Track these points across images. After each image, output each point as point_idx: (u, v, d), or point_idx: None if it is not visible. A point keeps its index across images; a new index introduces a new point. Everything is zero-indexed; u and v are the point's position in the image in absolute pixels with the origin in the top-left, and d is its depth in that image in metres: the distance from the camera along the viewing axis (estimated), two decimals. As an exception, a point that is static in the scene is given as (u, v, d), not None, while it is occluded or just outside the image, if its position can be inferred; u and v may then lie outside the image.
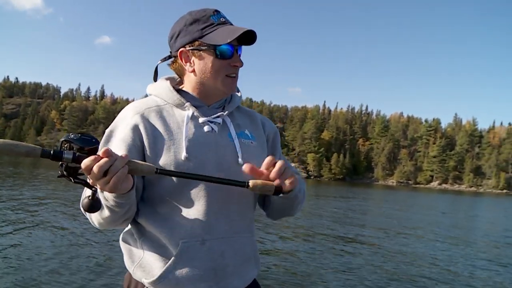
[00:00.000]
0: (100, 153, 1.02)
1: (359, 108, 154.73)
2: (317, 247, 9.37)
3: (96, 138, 1.06)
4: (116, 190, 1.09)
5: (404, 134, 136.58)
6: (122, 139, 1.32)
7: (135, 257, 1.39)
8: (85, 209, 1.12)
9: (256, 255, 1.50)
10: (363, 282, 6.60)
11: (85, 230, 8.88)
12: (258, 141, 1.50)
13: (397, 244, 10.66)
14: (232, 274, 1.37)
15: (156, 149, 1.32)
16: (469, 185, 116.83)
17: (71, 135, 1.03)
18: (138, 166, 1.09)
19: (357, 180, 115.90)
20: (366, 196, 37.71)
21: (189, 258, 1.31)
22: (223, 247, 1.35)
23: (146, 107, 1.39)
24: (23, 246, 7.18)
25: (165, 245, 1.33)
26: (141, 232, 1.38)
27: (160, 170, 1.11)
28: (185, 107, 1.40)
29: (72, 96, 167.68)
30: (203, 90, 1.42)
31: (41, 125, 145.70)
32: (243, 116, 1.54)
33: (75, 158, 1.01)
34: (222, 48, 1.35)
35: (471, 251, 10.66)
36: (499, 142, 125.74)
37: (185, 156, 1.31)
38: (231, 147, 1.40)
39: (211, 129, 1.39)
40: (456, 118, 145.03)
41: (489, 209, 33.50)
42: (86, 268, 6.16)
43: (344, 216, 16.87)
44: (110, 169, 1.03)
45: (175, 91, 1.42)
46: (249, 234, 1.45)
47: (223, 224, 1.35)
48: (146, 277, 1.34)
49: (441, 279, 7.19)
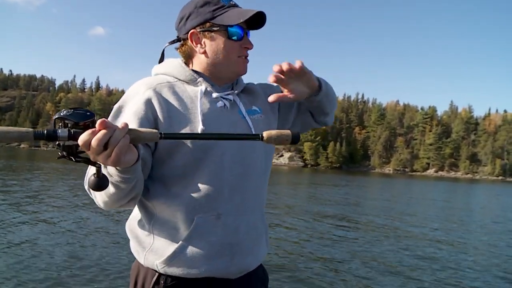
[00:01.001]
0: (97, 124, 0.95)
1: (355, 97, 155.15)
2: (315, 233, 9.44)
3: (91, 111, 1.00)
4: (119, 164, 1.02)
5: (400, 122, 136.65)
6: (134, 113, 1.29)
7: (145, 243, 1.37)
8: (92, 187, 1.05)
9: (267, 234, 1.52)
10: (359, 269, 6.70)
11: (87, 221, 8.92)
12: (265, 113, 1.51)
13: (397, 230, 10.78)
14: (246, 251, 1.38)
15: (170, 123, 1.30)
16: (465, 172, 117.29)
17: (63, 111, 0.97)
18: (140, 134, 1.02)
19: (354, 168, 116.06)
20: (363, 184, 37.82)
21: (204, 233, 1.30)
22: (237, 222, 1.35)
23: (158, 83, 1.37)
24: (22, 241, 7.18)
25: (178, 224, 1.31)
26: (151, 215, 1.36)
27: (165, 134, 1.03)
28: (197, 83, 1.39)
29: (67, 88, 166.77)
30: (214, 72, 1.41)
31: (37, 118, 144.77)
32: (247, 94, 1.53)
33: (71, 135, 0.95)
34: (234, 30, 1.35)
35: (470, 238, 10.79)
36: (495, 129, 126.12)
37: (202, 129, 1.30)
38: (243, 123, 1.40)
39: (224, 104, 1.39)
40: (452, 105, 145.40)
41: (488, 196, 33.69)
42: (90, 260, 6.19)
43: (342, 203, 16.99)
44: (109, 141, 0.96)
45: (187, 67, 1.41)
46: (261, 212, 1.46)
47: (237, 200, 1.35)
48: (158, 258, 1.32)
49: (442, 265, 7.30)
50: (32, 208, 10.46)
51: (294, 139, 1.12)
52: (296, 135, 1.13)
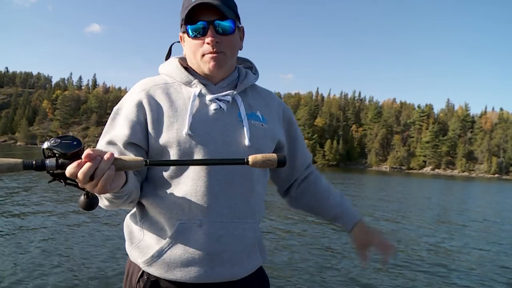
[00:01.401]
0: (83, 156, 0.98)
1: (352, 95, 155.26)
2: (313, 233, 9.47)
3: (78, 139, 1.02)
4: (106, 192, 1.04)
5: (397, 120, 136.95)
6: (126, 116, 1.31)
7: (135, 239, 1.39)
8: (82, 208, 1.10)
9: (260, 243, 1.46)
10: (357, 267, 6.74)
11: (84, 220, 8.94)
12: (270, 125, 1.45)
13: (394, 230, 10.84)
14: (229, 261, 1.33)
15: (159, 126, 1.30)
16: (461, 170, 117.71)
17: (51, 141, 0.99)
18: (126, 163, 1.05)
19: (351, 166, 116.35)
20: (360, 182, 37.92)
21: (184, 239, 1.29)
22: (221, 231, 1.31)
23: (153, 84, 1.37)
24: (18, 242, 7.16)
25: (163, 226, 1.32)
26: (143, 213, 1.37)
27: (150, 162, 1.07)
28: (192, 85, 1.37)
29: (64, 86, 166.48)
30: (197, 70, 1.40)
31: (33, 115, 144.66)
32: (258, 96, 1.48)
33: (59, 166, 0.99)
34: (192, 27, 1.31)
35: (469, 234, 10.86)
36: (491, 127, 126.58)
37: (187, 132, 1.28)
38: (239, 128, 1.36)
39: (219, 107, 1.35)
40: (448, 103, 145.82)
41: (484, 195, 33.81)
42: (88, 255, 6.21)
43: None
44: (95, 173, 0.99)
45: (183, 69, 1.39)
46: (252, 220, 1.39)
47: (223, 208, 1.31)
48: (141, 257, 1.34)
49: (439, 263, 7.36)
50: (27, 209, 10.43)
51: (280, 163, 1.13)
52: (282, 159, 1.13)
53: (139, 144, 1.30)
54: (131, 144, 1.29)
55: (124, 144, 1.28)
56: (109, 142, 1.29)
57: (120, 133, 1.29)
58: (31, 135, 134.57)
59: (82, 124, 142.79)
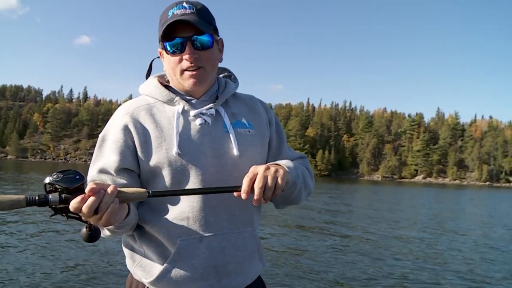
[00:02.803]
0: (87, 191, 0.98)
1: (343, 104, 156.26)
2: (309, 241, 9.60)
3: (80, 173, 1.01)
4: (110, 224, 1.05)
5: (388, 129, 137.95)
6: (114, 142, 1.30)
7: (136, 257, 1.38)
8: (85, 240, 1.10)
9: (260, 250, 1.46)
10: (354, 274, 6.88)
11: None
12: (257, 129, 1.45)
13: (386, 237, 10.99)
14: (234, 271, 1.35)
15: (147, 148, 1.30)
16: (453, 178, 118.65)
17: (53, 176, 0.98)
18: (129, 196, 1.05)
19: (343, 176, 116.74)
20: (352, 191, 38.10)
21: (187, 256, 1.29)
22: (223, 243, 1.32)
23: (136, 106, 1.36)
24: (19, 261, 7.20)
25: (163, 245, 1.31)
26: (141, 232, 1.36)
27: (153, 193, 1.08)
28: (175, 102, 1.36)
29: (55, 98, 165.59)
30: (179, 87, 1.40)
31: (24, 128, 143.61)
32: (240, 103, 1.48)
33: (62, 200, 0.98)
34: (170, 43, 1.31)
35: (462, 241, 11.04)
36: (481, 135, 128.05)
37: (177, 151, 1.28)
38: (226, 139, 1.36)
39: (204, 121, 1.35)
40: (438, 112, 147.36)
41: (474, 203, 34.10)
42: (88, 271, 6.29)
43: (333, 211, 17.21)
44: (99, 206, 0.99)
45: (163, 87, 1.39)
46: (251, 228, 1.40)
47: (223, 220, 1.32)
48: (146, 276, 1.34)
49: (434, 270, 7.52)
50: (22, 220, 10.46)
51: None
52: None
53: (131, 168, 1.30)
54: (123, 170, 1.28)
55: (116, 171, 1.27)
56: (100, 171, 1.28)
57: (110, 159, 1.28)
58: (22, 149, 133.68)
59: (73, 137, 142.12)
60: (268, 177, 1.17)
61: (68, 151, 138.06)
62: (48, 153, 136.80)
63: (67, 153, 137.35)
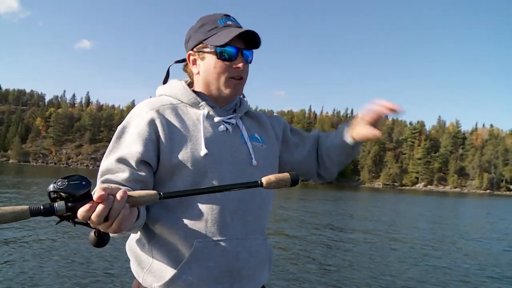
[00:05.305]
0: (95, 198, 0.93)
1: (345, 112, 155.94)
2: (309, 247, 9.69)
3: (85, 178, 0.95)
4: (121, 231, 1.02)
5: (389, 136, 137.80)
6: (138, 134, 1.29)
7: (144, 263, 1.36)
8: (93, 246, 1.07)
9: (271, 259, 1.49)
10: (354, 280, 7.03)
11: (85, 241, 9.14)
12: (269, 145, 1.50)
13: (387, 244, 11.12)
14: (247, 277, 1.35)
15: (172, 144, 1.31)
16: (453, 186, 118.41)
17: (57, 183, 0.93)
18: (140, 199, 1.01)
19: (344, 183, 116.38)
20: (353, 198, 38.10)
21: (203, 258, 1.28)
22: (239, 248, 1.32)
23: (160, 104, 1.38)
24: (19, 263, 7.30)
25: (177, 247, 1.30)
26: (151, 235, 1.34)
27: (164, 195, 1.03)
28: (200, 106, 1.39)
29: (58, 103, 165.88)
30: (210, 93, 1.42)
31: (26, 133, 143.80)
32: (251, 120, 1.53)
33: (69, 208, 0.93)
34: (224, 50, 1.34)
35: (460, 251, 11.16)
36: (482, 143, 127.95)
37: (205, 152, 1.30)
38: (245, 148, 1.40)
39: (226, 129, 1.39)
40: (440, 120, 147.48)
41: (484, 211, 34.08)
42: (91, 277, 6.40)
43: (334, 218, 17.28)
44: (110, 213, 0.95)
45: (190, 90, 1.42)
46: (262, 237, 1.42)
47: (238, 225, 1.33)
48: (157, 281, 1.31)
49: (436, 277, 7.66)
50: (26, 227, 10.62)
51: (293, 182, 1.12)
52: (295, 178, 1.13)
53: (149, 162, 1.28)
54: (143, 163, 1.27)
55: (136, 162, 1.25)
56: (119, 160, 1.25)
57: (133, 150, 1.26)
58: (24, 153, 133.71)
59: (75, 142, 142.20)
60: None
61: (70, 155, 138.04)
62: (50, 157, 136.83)
63: (69, 157, 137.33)
